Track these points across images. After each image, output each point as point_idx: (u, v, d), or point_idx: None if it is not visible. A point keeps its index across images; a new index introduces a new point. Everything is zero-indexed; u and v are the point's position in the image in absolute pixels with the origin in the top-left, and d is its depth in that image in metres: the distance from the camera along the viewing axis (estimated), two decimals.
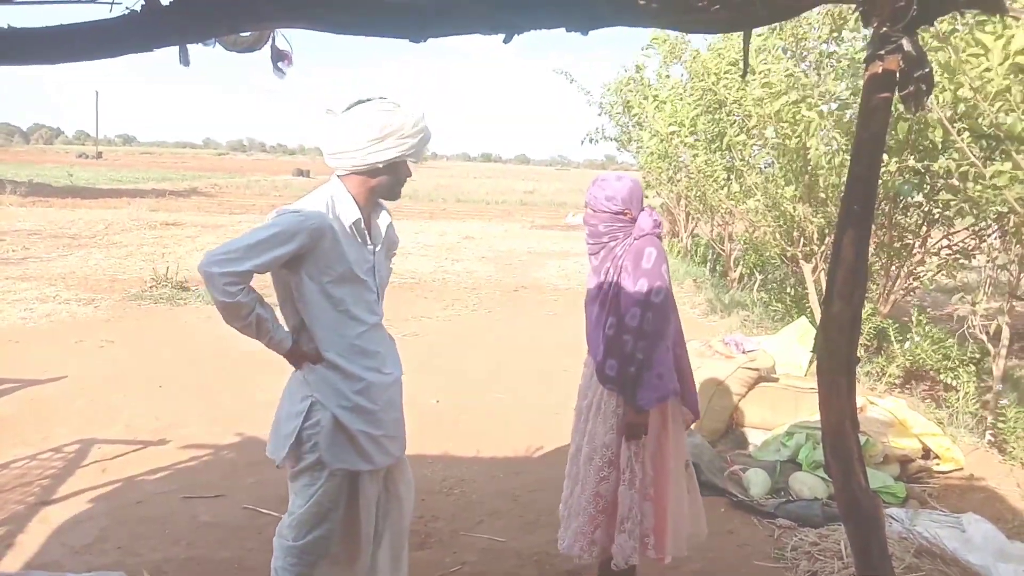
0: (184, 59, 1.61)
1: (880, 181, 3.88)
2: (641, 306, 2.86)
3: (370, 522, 2.60)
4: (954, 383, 5.75)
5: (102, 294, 9.30)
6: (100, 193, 26.58)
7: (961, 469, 4.59)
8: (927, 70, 1.60)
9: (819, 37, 6.62)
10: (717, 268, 12.63)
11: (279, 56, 1.90)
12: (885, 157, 5.13)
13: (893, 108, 1.84)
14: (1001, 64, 4.03)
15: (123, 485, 4.18)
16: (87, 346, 7.00)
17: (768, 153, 6.94)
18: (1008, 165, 4.25)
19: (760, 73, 6.17)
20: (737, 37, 6.99)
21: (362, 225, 2.46)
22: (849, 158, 1.73)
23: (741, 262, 11.23)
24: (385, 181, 2.47)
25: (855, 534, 1.89)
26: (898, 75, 1.61)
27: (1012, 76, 4.05)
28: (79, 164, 50.84)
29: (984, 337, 5.51)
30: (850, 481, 1.81)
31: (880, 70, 1.61)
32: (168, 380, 6.08)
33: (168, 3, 1.47)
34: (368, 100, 2.41)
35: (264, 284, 2.25)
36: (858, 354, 1.90)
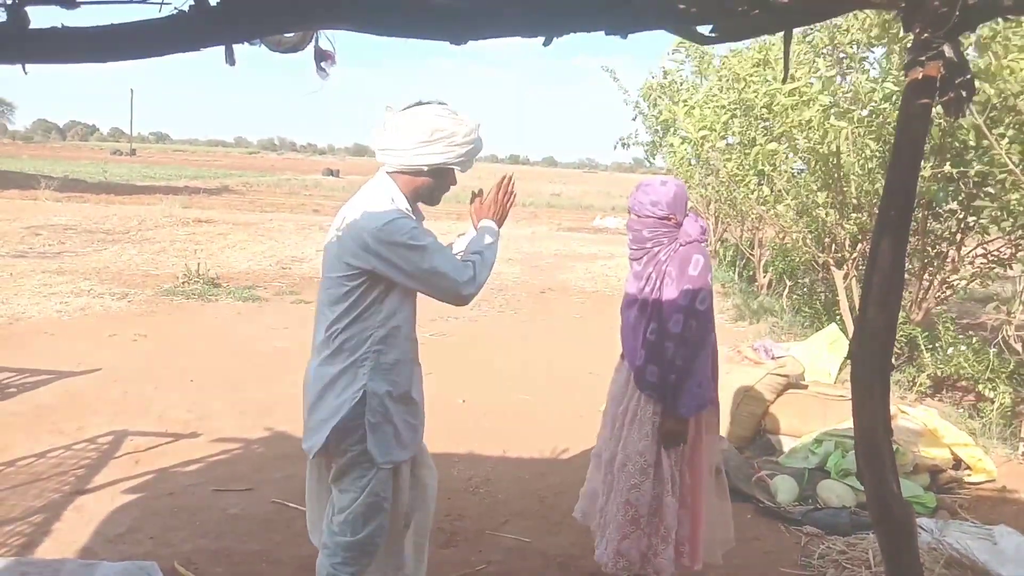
0: (230, 59, 1.64)
1: None
2: (685, 313, 2.86)
3: (402, 508, 2.62)
4: (991, 394, 5.66)
5: (135, 289, 9.46)
6: (134, 189, 27.03)
7: (993, 480, 4.53)
8: (968, 76, 1.59)
9: (851, 43, 6.55)
10: (745, 273, 12.54)
11: (322, 56, 1.93)
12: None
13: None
14: None
15: (155, 477, 4.26)
16: (120, 339, 7.13)
17: (800, 158, 6.89)
18: None
19: (795, 79, 6.12)
20: (769, 41, 6.94)
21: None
22: (883, 164, 1.72)
23: (770, 267, 11.15)
24: (428, 184, 2.48)
25: (886, 542, 1.88)
26: (938, 81, 1.60)
27: None
28: (113, 161, 51.78)
29: (1019, 347, 5.42)
30: (882, 488, 1.79)
31: (920, 76, 1.60)
32: (199, 374, 6.17)
33: (216, 3, 1.49)
34: (428, 103, 2.42)
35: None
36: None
